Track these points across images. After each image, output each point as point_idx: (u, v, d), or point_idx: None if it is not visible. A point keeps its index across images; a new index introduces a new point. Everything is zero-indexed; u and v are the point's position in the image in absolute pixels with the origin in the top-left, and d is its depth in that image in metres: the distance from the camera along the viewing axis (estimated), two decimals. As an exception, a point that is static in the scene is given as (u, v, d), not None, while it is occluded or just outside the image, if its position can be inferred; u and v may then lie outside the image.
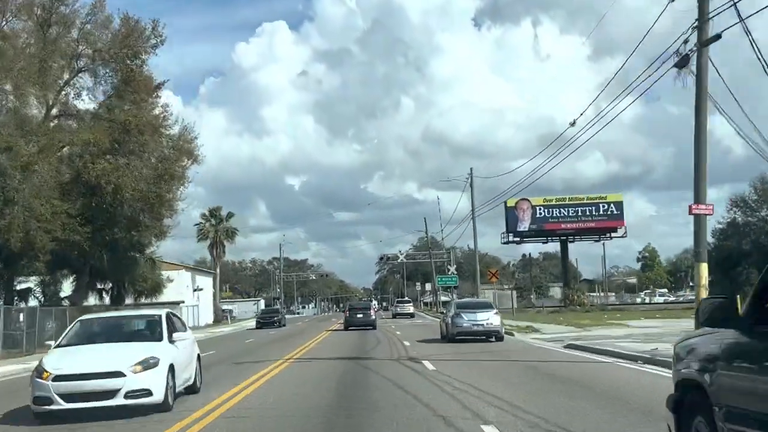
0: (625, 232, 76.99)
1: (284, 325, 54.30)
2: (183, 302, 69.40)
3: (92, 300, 43.58)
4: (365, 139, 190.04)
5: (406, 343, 27.04)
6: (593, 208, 75.86)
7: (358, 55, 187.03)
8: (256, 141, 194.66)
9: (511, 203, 76.05)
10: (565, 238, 77.61)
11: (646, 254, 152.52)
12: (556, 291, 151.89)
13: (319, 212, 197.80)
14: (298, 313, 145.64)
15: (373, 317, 44.57)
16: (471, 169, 46.53)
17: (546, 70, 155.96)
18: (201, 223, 72.29)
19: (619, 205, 76.04)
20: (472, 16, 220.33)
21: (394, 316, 75.01)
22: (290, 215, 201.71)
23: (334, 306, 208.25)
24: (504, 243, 79.31)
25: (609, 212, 75.55)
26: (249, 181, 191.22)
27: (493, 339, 27.07)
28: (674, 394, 5.94)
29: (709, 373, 5.29)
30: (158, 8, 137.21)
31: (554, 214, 75.97)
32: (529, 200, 76.38)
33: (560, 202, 76.65)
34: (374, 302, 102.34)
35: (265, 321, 54.53)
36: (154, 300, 47.49)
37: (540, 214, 76.04)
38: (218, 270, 74.67)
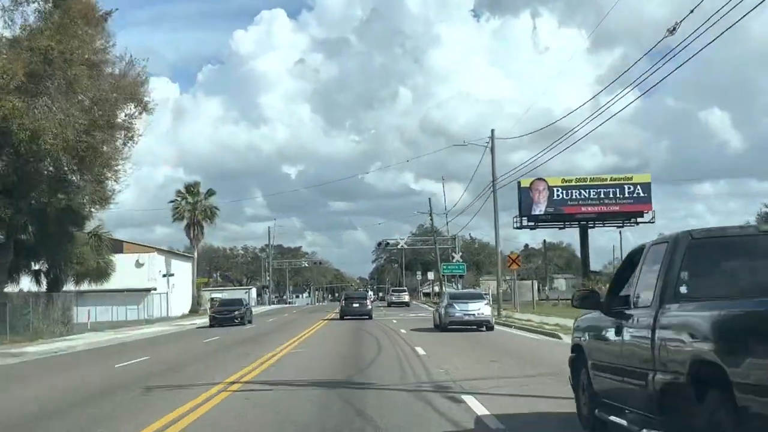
0: (653, 217, 68.80)
1: (249, 323, 40.43)
2: (154, 289, 61.20)
3: (25, 284, 35.35)
4: (363, 129, 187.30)
5: (420, 350, 18.91)
6: (617, 189, 67.62)
7: (356, 45, 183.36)
8: (253, 129, 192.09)
9: (525, 183, 67.82)
10: (585, 223, 69.32)
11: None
12: (560, 282, 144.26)
13: (315, 202, 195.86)
14: (290, 303, 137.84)
15: (369, 307, 44.00)
16: (492, 131, 38.40)
17: (545, 62, 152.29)
18: (176, 200, 63.89)
19: (646, 186, 67.76)
20: (471, 7, 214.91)
21: (389, 305, 73.07)
22: (286, 204, 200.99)
23: (329, 295, 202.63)
24: (517, 228, 70.88)
25: (635, 194, 67.29)
26: (245, 169, 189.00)
27: (484, 328, 28.36)
28: (571, 354, 8.49)
29: (586, 340, 8.00)
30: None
31: (573, 197, 67.67)
32: (545, 180, 68.18)
33: (580, 183, 68.35)
34: (370, 292, 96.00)
35: (222, 317, 39.35)
36: (100, 286, 39.04)
37: (557, 195, 67.76)
38: (196, 254, 66.23)
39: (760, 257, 6.14)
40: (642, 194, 67.66)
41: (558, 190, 68.02)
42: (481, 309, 28.46)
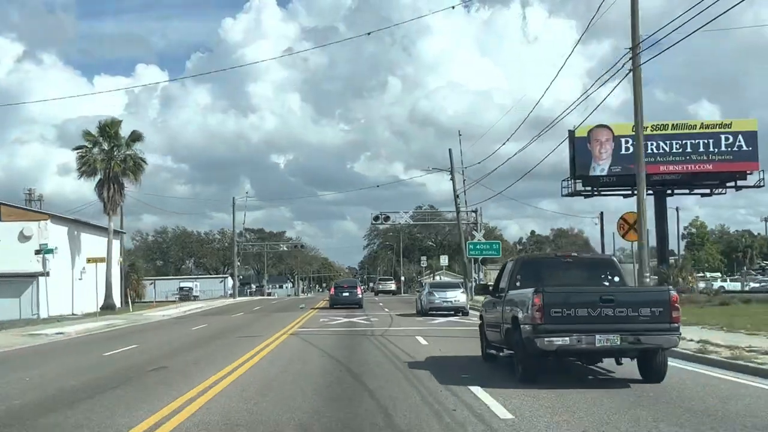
0: (761, 179, 49.46)
1: None
2: (46, 274, 41.16)
3: None
4: (352, 118, 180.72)
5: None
6: (711, 141, 48.40)
7: (346, 34, 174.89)
8: (242, 117, 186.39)
9: (581, 132, 48.69)
10: (662, 187, 50.02)
11: (693, 230, 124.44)
12: None
13: (304, 191, 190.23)
14: (269, 294, 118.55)
15: (360, 295, 43.78)
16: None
17: (534, 52, 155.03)
18: (84, 147, 43.97)
19: (751, 137, 48.51)
20: None
21: (377, 293, 72.93)
22: (275, 193, 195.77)
23: (317, 285, 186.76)
24: (568, 195, 51.54)
25: (736, 148, 48.18)
26: (234, 158, 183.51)
27: (459, 314, 31.38)
28: (480, 321, 14.87)
29: (483, 311, 14.63)
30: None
31: (650, 150, 48.30)
32: (610, 128, 48.94)
33: (659, 132, 48.95)
34: (360, 283, 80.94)
35: None
36: None
37: (626, 149, 48.49)
38: (112, 225, 45.92)
39: (553, 269, 13.12)
40: (745, 147, 48.45)
41: (627, 142, 48.58)
42: (458, 297, 32.67)
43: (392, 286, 76.39)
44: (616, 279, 12.69)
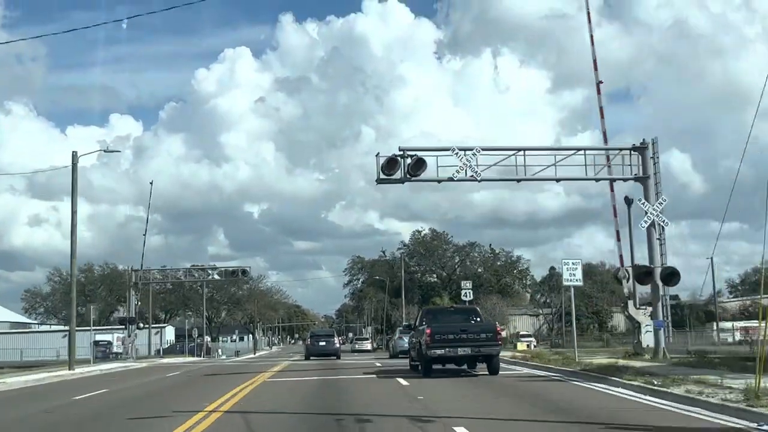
0: None
1: None
2: None
3: None
4: (326, 168, 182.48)
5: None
6: None
7: (319, 84, 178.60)
8: (215, 168, 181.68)
9: None
10: None
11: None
12: (618, 319, 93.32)
13: (278, 241, 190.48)
14: (208, 353, 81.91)
15: (337, 345, 45.37)
16: None
17: (506, 101, 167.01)
18: None
19: None
20: (434, 49, 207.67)
21: (353, 351, 72.37)
22: (250, 244, 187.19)
23: (288, 336, 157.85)
24: None
25: None
26: (207, 208, 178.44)
27: None
28: (408, 346, 29.96)
29: (410, 340, 28.89)
30: (121, 35, 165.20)
31: None
32: None
33: None
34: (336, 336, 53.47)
35: None
36: None
37: None
38: None
39: (444, 314, 27.39)
40: None
41: None
42: None
43: (368, 345, 74.46)
44: (478, 319, 24.92)
